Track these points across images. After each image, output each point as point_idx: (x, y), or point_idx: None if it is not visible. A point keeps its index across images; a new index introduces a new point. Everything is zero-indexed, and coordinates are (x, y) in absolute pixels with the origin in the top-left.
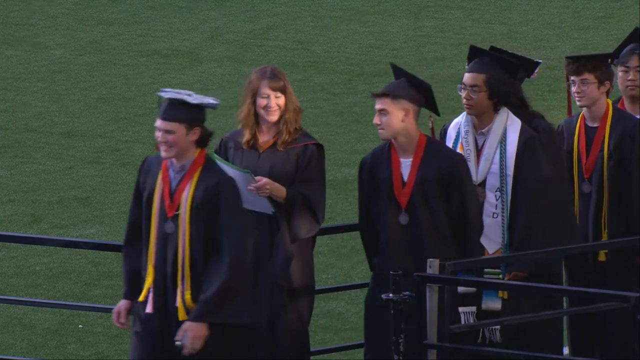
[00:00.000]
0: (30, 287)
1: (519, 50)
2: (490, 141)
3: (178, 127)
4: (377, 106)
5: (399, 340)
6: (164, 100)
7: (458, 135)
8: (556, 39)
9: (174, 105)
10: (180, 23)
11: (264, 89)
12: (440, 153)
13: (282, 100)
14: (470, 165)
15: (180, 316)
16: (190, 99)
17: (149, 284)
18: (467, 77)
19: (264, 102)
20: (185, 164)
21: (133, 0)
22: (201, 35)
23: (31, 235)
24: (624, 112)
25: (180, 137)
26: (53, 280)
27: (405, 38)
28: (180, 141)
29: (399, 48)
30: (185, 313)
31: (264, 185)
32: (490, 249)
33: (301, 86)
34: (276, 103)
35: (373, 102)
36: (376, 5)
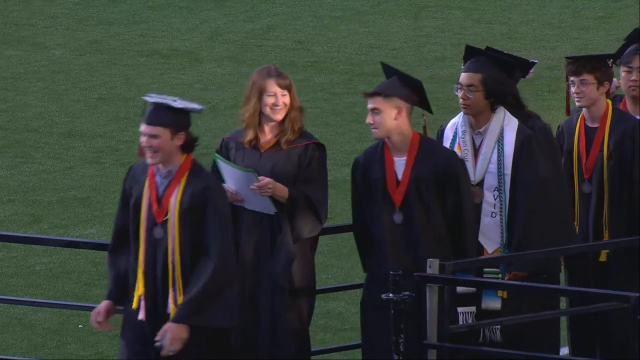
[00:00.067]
0: (30, 287)
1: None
2: (487, 141)
3: (163, 132)
4: (370, 105)
5: (399, 340)
6: (149, 105)
7: (455, 136)
8: (556, 39)
9: (158, 110)
10: (180, 23)
11: (272, 87)
12: (435, 151)
13: (288, 98)
14: (468, 165)
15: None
16: (175, 104)
17: (140, 291)
18: (464, 77)
19: (271, 101)
20: (172, 169)
21: (133, 0)
22: (201, 35)
23: (31, 235)
24: (623, 113)
25: (165, 142)
26: (53, 280)
27: (405, 38)
28: (165, 146)
29: (399, 48)
30: None
31: (266, 185)
32: (489, 248)
33: (301, 86)
34: (283, 101)
35: None
36: (376, 5)
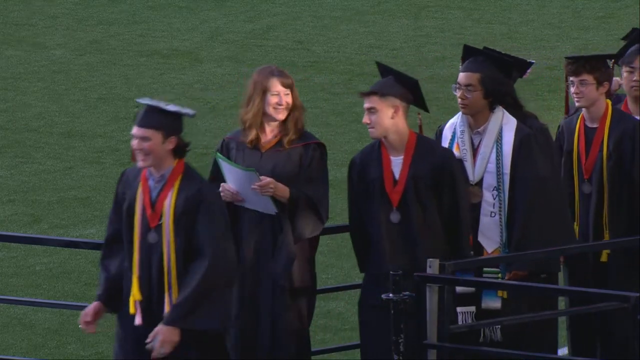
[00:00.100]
0: (30, 287)
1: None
2: (486, 140)
3: (154, 134)
4: (366, 105)
5: (399, 340)
6: (141, 107)
7: (454, 136)
8: (556, 39)
9: (150, 113)
10: (180, 23)
11: (275, 86)
12: (432, 150)
13: (290, 97)
14: (467, 164)
15: None
16: (168, 107)
17: (136, 297)
18: (462, 77)
19: (274, 100)
20: (165, 174)
21: (133, 0)
22: (201, 35)
23: (31, 235)
24: (623, 113)
25: (156, 145)
26: (53, 280)
27: (405, 38)
28: (156, 149)
29: (399, 48)
30: None
31: (267, 185)
32: (489, 248)
33: (301, 86)
34: (286, 101)
35: None
36: (376, 5)
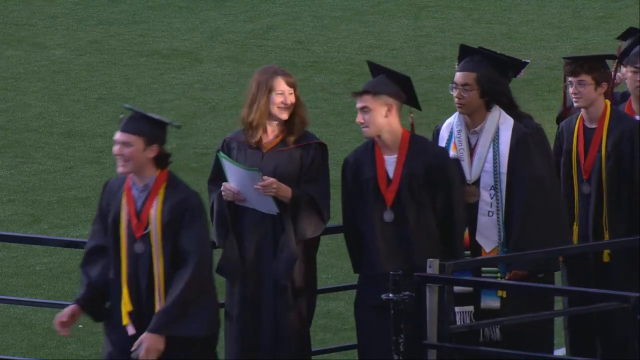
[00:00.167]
0: (30, 287)
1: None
2: (483, 140)
3: (136, 140)
4: (359, 104)
5: (399, 340)
6: (126, 112)
7: (451, 136)
8: (556, 39)
9: (134, 119)
10: (180, 23)
11: (280, 85)
12: (426, 148)
13: (294, 97)
14: (464, 164)
15: None
16: (152, 115)
17: (128, 307)
18: (458, 76)
19: (279, 99)
20: (148, 183)
21: (133, 0)
22: (201, 35)
23: (31, 235)
24: (622, 113)
25: (137, 152)
26: (53, 280)
27: (405, 38)
28: (136, 156)
29: (399, 48)
30: None
31: (270, 185)
32: (487, 248)
33: (301, 86)
34: (290, 100)
35: None
36: (376, 5)
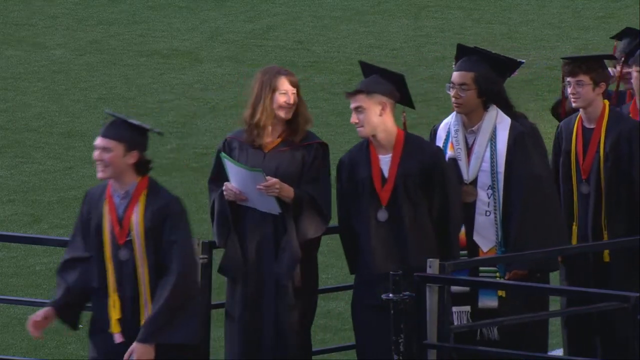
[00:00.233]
0: (30, 287)
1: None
2: (480, 139)
3: (116, 146)
4: (353, 104)
5: (399, 340)
6: (108, 118)
7: (448, 135)
8: (556, 39)
9: (115, 124)
10: (180, 23)
11: (285, 85)
12: (421, 147)
13: (296, 96)
14: (461, 164)
15: None
16: (133, 121)
17: (118, 315)
18: (456, 76)
19: (283, 99)
20: (129, 190)
21: (133, 0)
22: (201, 35)
23: (31, 235)
24: (620, 114)
25: (117, 157)
26: (53, 280)
27: (405, 38)
28: (116, 161)
29: (399, 48)
30: None
31: (273, 185)
32: (485, 247)
33: (301, 86)
34: (294, 99)
35: None
36: (376, 5)
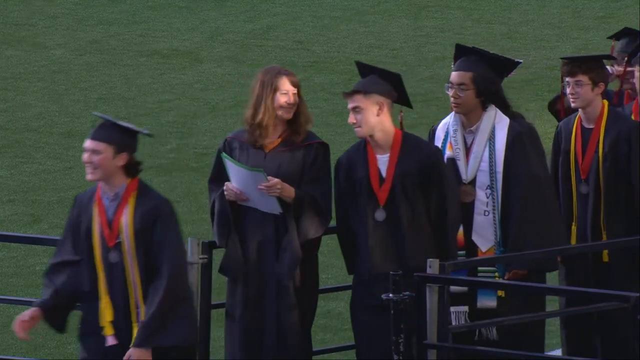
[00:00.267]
0: (30, 287)
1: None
2: (478, 139)
3: (105, 148)
4: (350, 105)
5: (399, 340)
6: (98, 120)
7: (447, 135)
8: (556, 39)
9: (104, 127)
10: (180, 23)
11: (286, 85)
12: (419, 147)
13: (297, 96)
14: (460, 164)
15: None
16: (122, 123)
17: (110, 317)
18: (454, 76)
19: (284, 99)
20: (119, 192)
21: (133, 0)
22: (201, 35)
23: (31, 235)
24: (619, 114)
25: (106, 160)
26: None
27: (405, 38)
28: (105, 163)
29: (399, 48)
30: None
31: (275, 185)
32: (483, 247)
33: (301, 86)
34: (294, 99)
35: None
36: (376, 5)
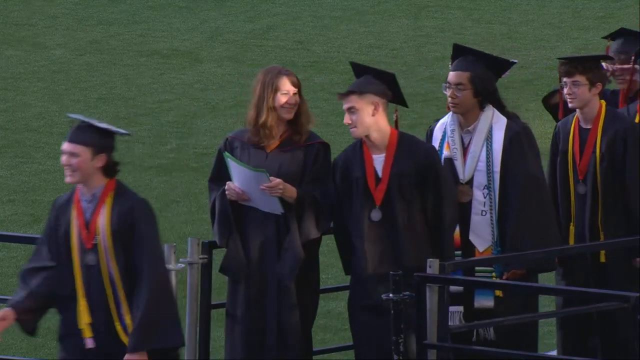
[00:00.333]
0: None
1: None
2: (476, 139)
3: (83, 151)
4: (345, 105)
5: (399, 340)
6: (74, 122)
7: (444, 135)
8: (556, 39)
9: (81, 129)
10: (180, 23)
11: (286, 85)
12: (415, 147)
13: (298, 96)
14: (457, 163)
15: (125, 340)
16: (99, 124)
17: (87, 319)
18: (452, 76)
19: (284, 99)
20: (96, 193)
21: (133, 0)
22: (201, 35)
23: (31, 235)
24: (617, 114)
25: (85, 162)
26: None
27: (405, 38)
28: (84, 166)
29: (399, 48)
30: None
31: (277, 186)
32: (481, 247)
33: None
34: (295, 99)
35: None
36: (376, 5)
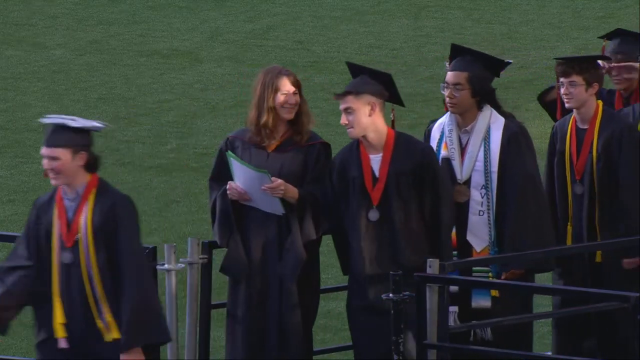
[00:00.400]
0: None
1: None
2: (474, 139)
3: (63, 153)
4: (342, 106)
5: (399, 340)
6: (47, 126)
7: (442, 135)
8: (556, 39)
9: (57, 131)
10: (180, 23)
11: (286, 85)
12: (412, 146)
13: (298, 96)
14: (455, 163)
15: (107, 337)
16: (73, 123)
17: (61, 319)
18: (450, 76)
19: (284, 99)
20: (79, 191)
21: (133, 0)
22: (201, 35)
23: None
24: (614, 114)
25: (66, 163)
26: None
27: (405, 38)
28: (66, 167)
29: (399, 48)
30: (117, 331)
31: (278, 186)
32: (478, 247)
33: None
34: (295, 99)
35: None
36: (376, 5)
